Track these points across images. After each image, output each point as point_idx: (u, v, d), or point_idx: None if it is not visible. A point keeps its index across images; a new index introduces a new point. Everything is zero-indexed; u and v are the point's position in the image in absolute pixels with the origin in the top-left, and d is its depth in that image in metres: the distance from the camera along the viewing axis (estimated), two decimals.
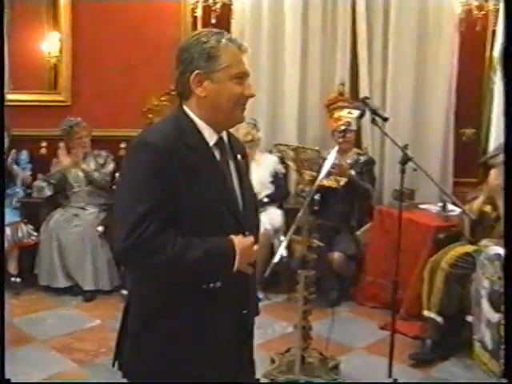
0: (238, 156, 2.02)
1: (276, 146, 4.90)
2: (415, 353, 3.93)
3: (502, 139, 4.60)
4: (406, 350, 3.94)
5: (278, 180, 5.11)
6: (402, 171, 3.16)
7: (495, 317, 3.16)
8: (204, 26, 5.23)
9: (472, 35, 5.15)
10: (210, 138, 1.91)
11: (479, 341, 3.36)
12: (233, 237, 1.85)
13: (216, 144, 1.93)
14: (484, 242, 3.41)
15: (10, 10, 4.91)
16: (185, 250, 1.76)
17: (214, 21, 5.11)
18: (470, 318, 3.58)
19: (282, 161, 4.99)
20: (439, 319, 3.92)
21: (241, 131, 4.79)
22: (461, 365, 3.80)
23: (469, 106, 5.26)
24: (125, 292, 4.84)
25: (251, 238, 1.89)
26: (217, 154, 1.93)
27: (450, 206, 4.49)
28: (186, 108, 1.92)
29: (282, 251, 2.61)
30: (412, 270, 4.30)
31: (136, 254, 1.74)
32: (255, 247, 1.90)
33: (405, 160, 3.14)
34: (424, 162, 4.74)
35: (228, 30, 5.20)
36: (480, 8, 5.05)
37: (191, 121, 1.90)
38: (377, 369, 3.53)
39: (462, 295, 3.82)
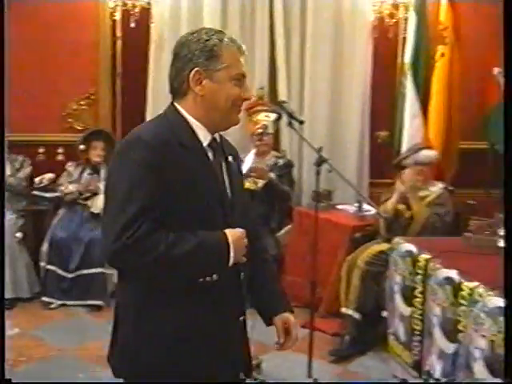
0: (230, 157, 1.99)
1: None
2: (334, 349, 4.05)
3: (413, 141, 4.82)
4: (325, 346, 4.06)
5: None
6: (318, 173, 3.27)
7: (407, 310, 3.29)
8: (123, 29, 5.22)
9: (384, 42, 5.36)
10: (204, 138, 1.88)
11: (393, 334, 3.49)
12: (225, 230, 1.83)
13: (209, 144, 1.89)
14: (396, 239, 3.55)
15: None
16: (177, 244, 1.72)
17: (133, 25, 5.10)
18: (385, 314, 3.70)
19: None
20: (357, 316, 4.05)
21: None
22: (377, 358, 3.96)
23: (383, 109, 5.45)
24: (46, 299, 4.78)
25: (241, 230, 1.86)
26: (210, 155, 1.89)
27: (366, 206, 4.62)
28: (178, 106, 1.87)
29: None
30: (330, 268, 4.41)
31: (127, 253, 1.69)
32: (245, 239, 1.87)
33: (320, 162, 3.25)
34: (341, 164, 4.93)
35: (147, 33, 5.21)
36: (391, 16, 5.26)
37: (185, 120, 1.86)
38: (297, 366, 3.62)
39: (378, 292, 3.95)
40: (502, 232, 3.53)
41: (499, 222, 3.68)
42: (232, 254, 1.81)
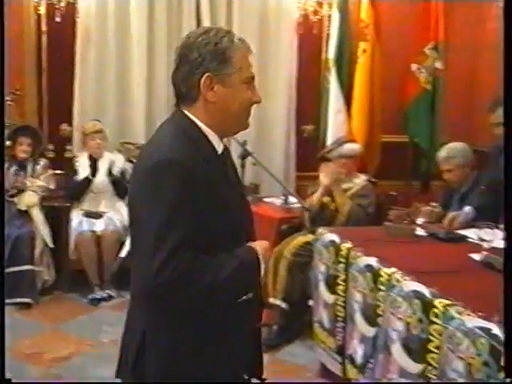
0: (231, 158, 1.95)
1: (122, 144, 4.95)
2: (263, 339, 4.13)
3: (338, 134, 4.96)
4: None
5: (125, 178, 5.09)
6: (242, 166, 3.35)
7: (331, 298, 3.39)
8: (48, 24, 5.15)
9: (309, 38, 5.49)
10: (218, 146, 1.79)
11: (318, 322, 3.59)
12: (252, 243, 1.80)
13: (222, 152, 1.82)
14: (320, 230, 3.65)
15: None
16: (221, 270, 1.65)
17: (58, 19, 5.04)
18: (311, 302, 3.80)
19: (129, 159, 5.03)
20: (284, 305, 4.15)
21: (86, 126, 4.85)
22: (304, 346, 4.06)
23: (308, 104, 5.58)
24: None
25: (266, 241, 1.84)
26: (225, 163, 1.84)
27: (293, 199, 4.71)
28: (189, 114, 1.75)
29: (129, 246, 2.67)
30: None
31: (173, 287, 1.59)
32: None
33: (244, 155, 3.32)
34: (267, 158, 5.03)
35: (73, 28, 5.16)
36: (315, 13, 5.38)
37: (199, 129, 1.74)
38: None
39: (304, 282, 4.04)
40: (419, 221, 3.71)
41: (418, 211, 3.87)
42: (263, 267, 1.78)
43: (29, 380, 3.51)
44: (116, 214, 5.00)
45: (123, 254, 2.49)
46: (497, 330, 2.08)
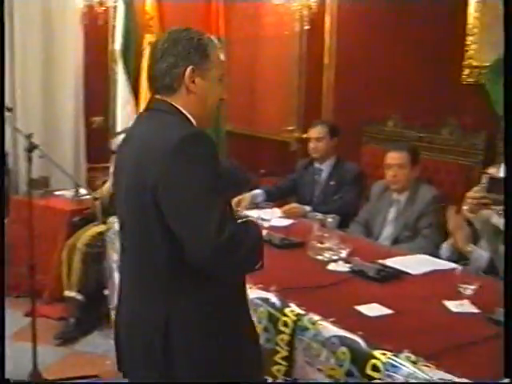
0: None
1: None
2: (60, 332, 4.11)
3: (127, 125, 5.01)
4: (52, 331, 4.11)
5: None
6: (29, 159, 3.30)
7: None
8: None
9: (95, 29, 5.48)
10: None
11: (114, 309, 3.66)
12: None
13: None
14: (111, 218, 3.70)
15: None
16: (251, 236, 1.75)
17: None
18: (106, 292, 3.85)
19: None
20: (80, 297, 4.17)
21: None
22: (102, 335, 4.11)
23: (97, 95, 5.58)
24: None
25: None
26: None
27: (83, 191, 4.71)
28: (173, 102, 1.83)
29: None
30: (51, 254, 4.44)
31: (229, 249, 1.65)
32: None
33: (30, 148, 3.28)
34: (57, 150, 4.97)
35: None
36: (101, 4, 5.38)
37: (186, 116, 1.83)
38: (23, 355, 3.60)
39: (99, 272, 4.08)
40: None
41: None
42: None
43: None
44: None
45: None
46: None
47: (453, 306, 2.37)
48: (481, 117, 3.10)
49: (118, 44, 5.24)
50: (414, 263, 2.94)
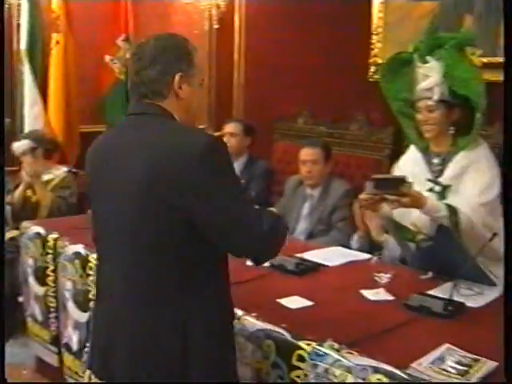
0: None
1: None
2: None
3: (34, 127, 4.91)
4: None
5: None
6: None
7: (41, 290, 3.41)
8: None
9: None
10: None
11: (30, 316, 3.59)
12: None
13: None
14: (24, 223, 3.62)
15: None
16: (275, 220, 1.89)
17: None
18: (21, 299, 3.76)
19: None
20: None
21: None
22: (18, 343, 3.97)
23: (3, 96, 5.38)
24: None
25: None
26: None
27: None
28: (164, 107, 1.88)
29: None
30: None
31: (272, 240, 1.86)
32: None
33: None
34: None
35: None
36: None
37: (177, 122, 1.90)
38: None
39: (13, 278, 3.97)
40: None
41: None
42: None
43: None
44: None
45: None
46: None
47: (370, 294, 2.48)
48: (387, 113, 3.24)
49: (23, 44, 5.09)
50: (331, 255, 3.05)
